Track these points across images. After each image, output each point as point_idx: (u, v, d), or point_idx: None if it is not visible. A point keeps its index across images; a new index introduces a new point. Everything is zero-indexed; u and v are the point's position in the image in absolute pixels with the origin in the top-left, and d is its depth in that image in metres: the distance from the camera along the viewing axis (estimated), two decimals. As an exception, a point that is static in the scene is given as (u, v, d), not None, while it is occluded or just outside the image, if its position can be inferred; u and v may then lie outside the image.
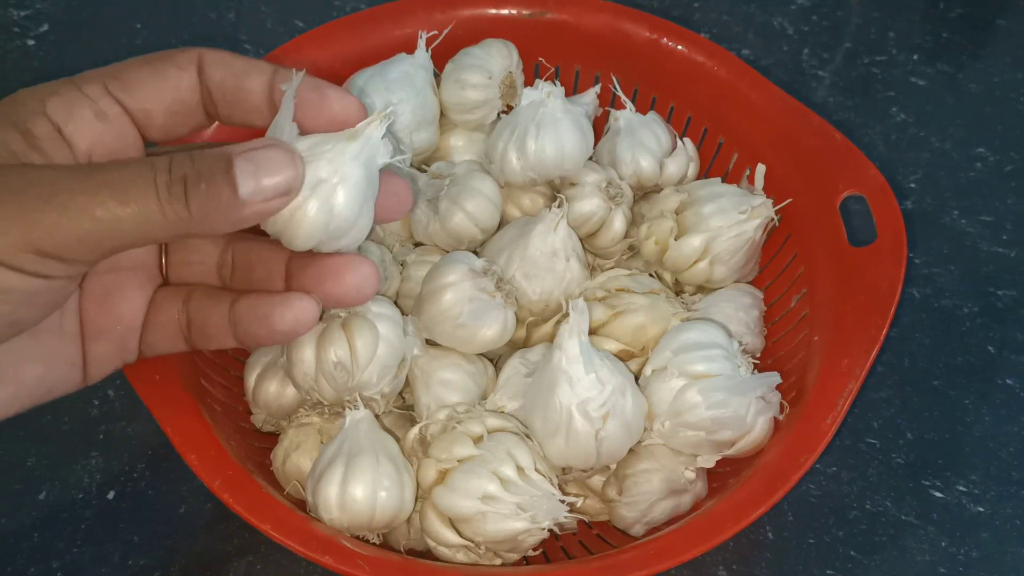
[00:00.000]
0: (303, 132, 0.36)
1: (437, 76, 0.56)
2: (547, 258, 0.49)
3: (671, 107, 0.58)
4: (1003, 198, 0.65)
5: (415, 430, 0.45)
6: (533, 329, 0.51)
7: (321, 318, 0.46)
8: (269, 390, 0.48)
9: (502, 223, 0.53)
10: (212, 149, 0.34)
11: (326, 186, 0.35)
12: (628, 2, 0.58)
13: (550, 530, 0.42)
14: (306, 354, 0.44)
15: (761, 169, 0.54)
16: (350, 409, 0.44)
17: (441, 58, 0.56)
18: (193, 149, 0.35)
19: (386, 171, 0.38)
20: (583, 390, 0.42)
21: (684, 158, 0.56)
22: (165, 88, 0.37)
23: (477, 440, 0.43)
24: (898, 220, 0.48)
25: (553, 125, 0.51)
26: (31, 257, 0.32)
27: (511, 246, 0.49)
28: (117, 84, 0.36)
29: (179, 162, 0.33)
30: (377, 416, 0.46)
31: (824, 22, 0.75)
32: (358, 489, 0.42)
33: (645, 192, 0.56)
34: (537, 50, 0.58)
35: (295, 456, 0.47)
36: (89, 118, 0.35)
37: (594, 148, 0.54)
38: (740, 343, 0.47)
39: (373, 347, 0.44)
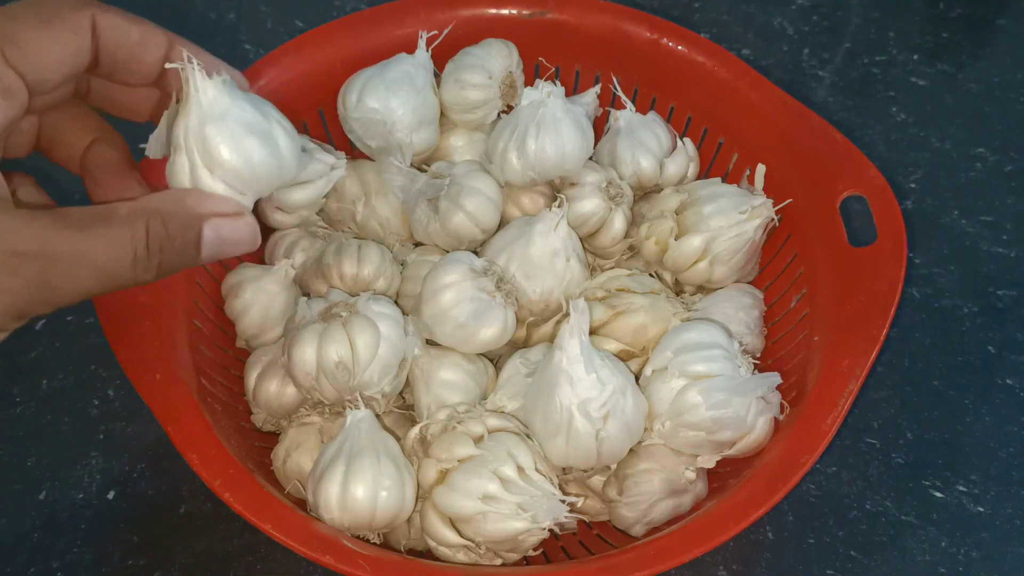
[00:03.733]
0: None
1: (437, 76, 0.56)
2: (547, 258, 0.49)
3: (671, 107, 0.58)
4: (1003, 198, 0.65)
5: (415, 430, 0.45)
6: (533, 329, 0.51)
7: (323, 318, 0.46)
8: (269, 390, 0.48)
9: (502, 223, 0.52)
10: (181, 207, 0.35)
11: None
12: (628, 2, 0.58)
13: (550, 530, 0.42)
14: (307, 354, 0.44)
15: (761, 169, 0.54)
16: (351, 409, 0.44)
17: (441, 58, 0.56)
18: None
19: None
20: (584, 390, 0.42)
21: (684, 158, 0.56)
22: (63, 56, 0.35)
23: (477, 440, 0.43)
24: (898, 220, 0.48)
25: (553, 125, 0.51)
26: (12, 323, 0.33)
27: (511, 246, 0.49)
28: (17, 54, 0.34)
29: (155, 233, 0.34)
30: (378, 416, 0.46)
31: (824, 22, 0.75)
32: (359, 489, 0.42)
33: (645, 192, 0.56)
34: (537, 50, 0.58)
35: (296, 455, 0.47)
36: (11, 112, 0.34)
37: (594, 148, 0.54)
38: (740, 343, 0.47)
39: (374, 346, 0.44)
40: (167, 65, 0.37)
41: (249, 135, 0.36)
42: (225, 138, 0.36)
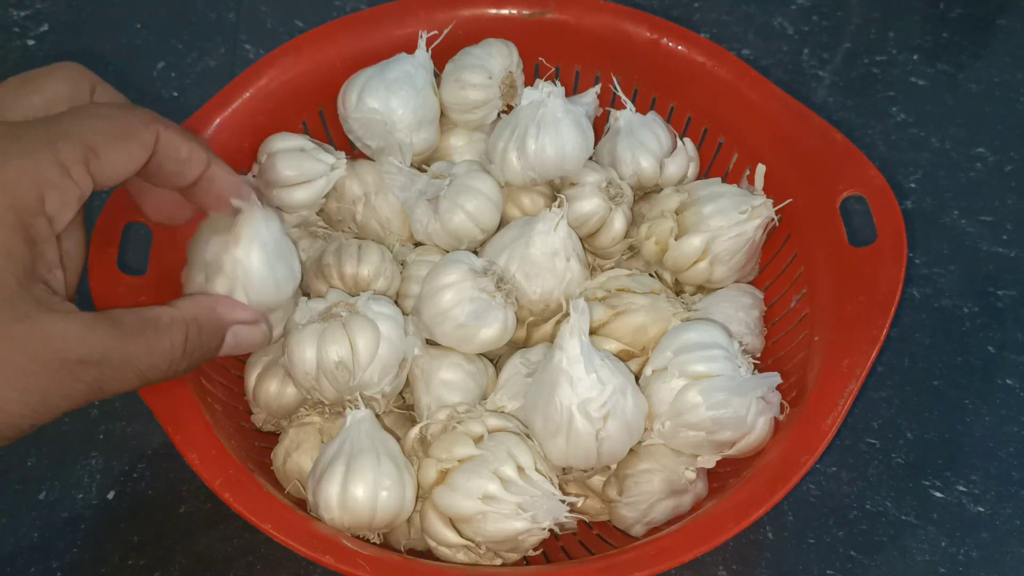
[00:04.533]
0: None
1: (437, 76, 0.56)
2: (547, 258, 0.49)
3: (671, 107, 0.58)
4: (1003, 198, 0.65)
5: (415, 430, 0.45)
6: (533, 329, 0.51)
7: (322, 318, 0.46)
8: (269, 389, 0.48)
9: (502, 223, 0.52)
10: (213, 316, 0.40)
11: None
12: (628, 2, 0.58)
13: (550, 530, 0.42)
14: (307, 353, 0.44)
15: (761, 169, 0.54)
16: (351, 409, 0.44)
17: (441, 58, 0.56)
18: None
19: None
20: (584, 390, 0.42)
21: (684, 158, 0.56)
22: (130, 167, 0.38)
23: (478, 440, 0.43)
24: (898, 220, 0.48)
25: (553, 125, 0.51)
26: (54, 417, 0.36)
27: (511, 246, 0.49)
28: (97, 165, 0.36)
29: (192, 339, 0.39)
30: (378, 416, 0.46)
31: (824, 22, 0.75)
32: (359, 489, 0.42)
33: (645, 192, 0.56)
34: (537, 50, 0.58)
35: (296, 455, 0.47)
36: (75, 205, 0.36)
37: (594, 148, 0.54)
38: (740, 343, 0.47)
39: (374, 346, 0.44)
40: (234, 202, 0.42)
41: (280, 264, 0.44)
42: (266, 273, 0.43)
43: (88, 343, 0.35)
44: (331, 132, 0.58)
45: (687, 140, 0.57)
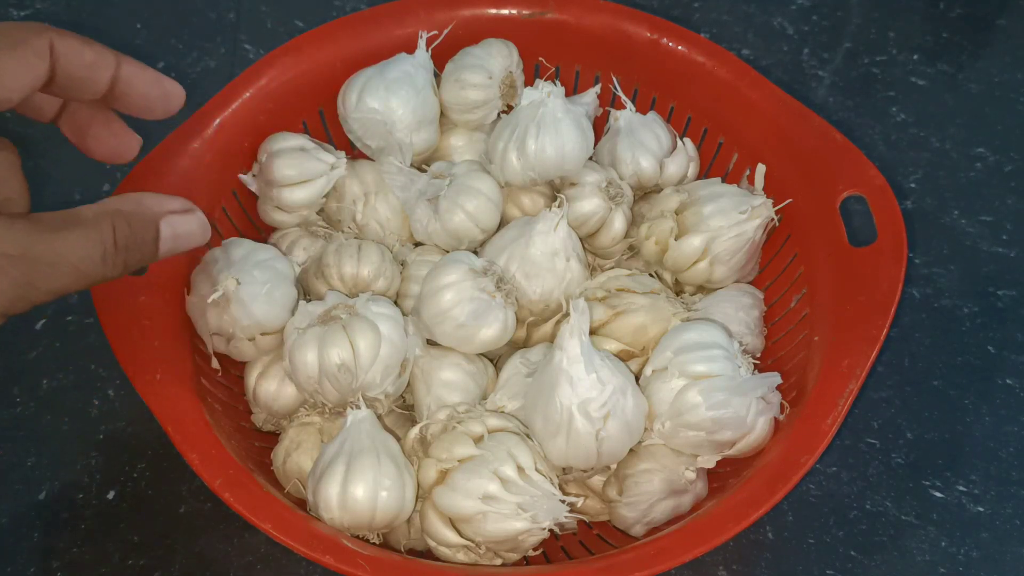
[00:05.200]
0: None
1: (437, 76, 0.56)
2: (547, 258, 0.49)
3: (671, 107, 0.58)
4: (1003, 198, 0.65)
5: (416, 430, 0.45)
6: (533, 329, 0.51)
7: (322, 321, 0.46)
8: (269, 390, 0.48)
9: (502, 223, 0.52)
10: (141, 207, 0.39)
11: None
12: (628, 2, 0.58)
13: (550, 530, 0.42)
14: (309, 357, 0.44)
15: (761, 169, 0.54)
16: (352, 409, 0.44)
17: (441, 58, 0.56)
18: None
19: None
20: (584, 390, 0.42)
21: (684, 158, 0.56)
22: (27, 78, 0.37)
23: (478, 440, 0.43)
24: (898, 220, 0.48)
25: (553, 125, 0.51)
26: None
27: (511, 246, 0.49)
28: None
29: (120, 231, 0.37)
30: (378, 416, 0.46)
31: (824, 22, 0.75)
32: (359, 489, 0.42)
33: (645, 192, 0.56)
34: (537, 50, 0.58)
35: (296, 455, 0.47)
36: None
37: (594, 148, 0.54)
38: (740, 343, 0.47)
39: (376, 347, 0.44)
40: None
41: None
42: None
43: (7, 239, 0.34)
44: (331, 132, 0.58)
45: (687, 140, 0.57)
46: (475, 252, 0.51)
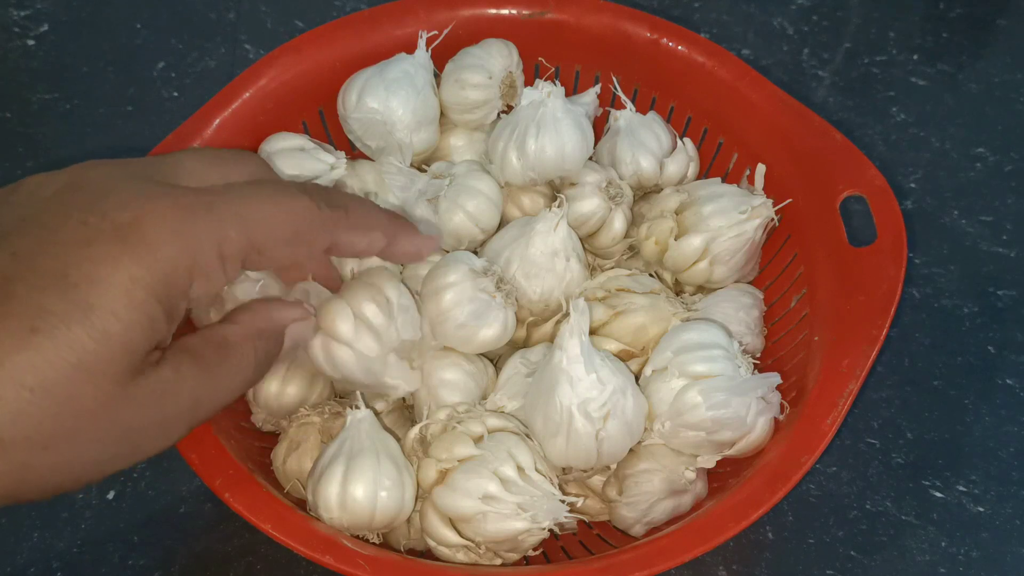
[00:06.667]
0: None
1: (437, 76, 0.56)
2: (547, 258, 0.49)
3: (671, 107, 0.58)
4: (1003, 198, 0.65)
5: (415, 430, 0.45)
6: (533, 329, 0.51)
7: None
8: (269, 389, 0.48)
9: (502, 223, 0.53)
10: (273, 323, 0.40)
11: None
12: (628, 2, 0.58)
13: (550, 530, 0.42)
14: (341, 320, 0.43)
15: (761, 169, 0.54)
16: (351, 409, 0.44)
17: (441, 58, 0.56)
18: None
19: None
20: (584, 390, 0.42)
21: (684, 158, 0.56)
22: (285, 262, 0.37)
23: (477, 440, 0.43)
24: (898, 220, 0.48)
25: (553, 125, 0.51)
26: None
27: (511, 246, 0.49)
28: (256, 262, 0.35)
29: (260, 352, 0.39)
30: (378, 415, 0.46)
31: (824, 22, 0.75)
32: (359, 489, 0.42)
33: (645, 192, 0.56)
34: (537, 50, 0.58)
35: (296, 455, 0.47)
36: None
37: (594, 148, 0.54)
38: (740, 343, 0.47)
39: (399, 290, 0.45)
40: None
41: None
42: None
43: (184, 395, 0.34)
44: (331, 132, 0.58)
45: (687, 140, 0.57)
46: (475, 252, 0.51)
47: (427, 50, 0.55)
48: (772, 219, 0.51)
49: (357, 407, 0.44)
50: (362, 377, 0.44)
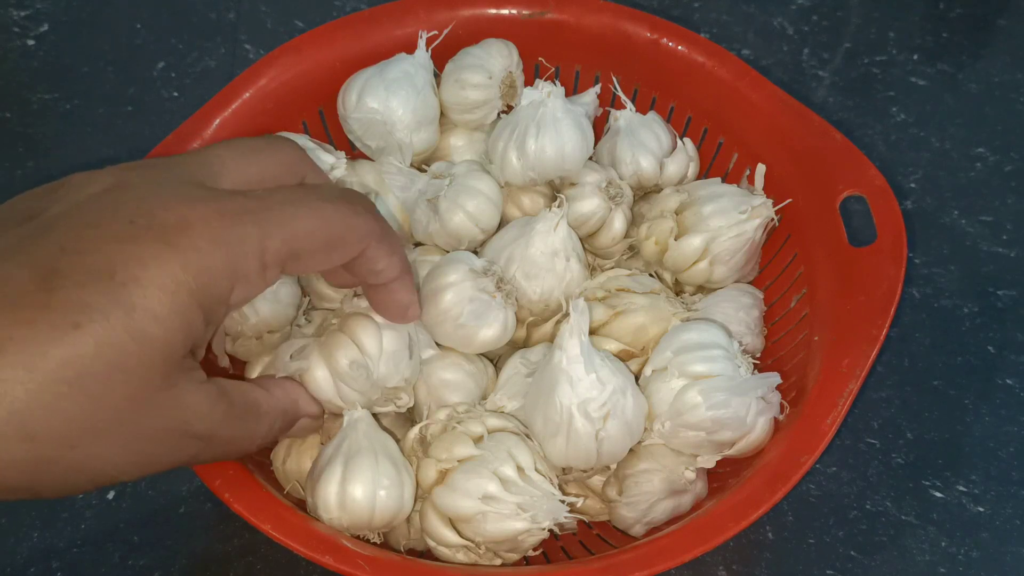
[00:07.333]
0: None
1: (437, 76, 0.56)
2: (547, 258, 0.49)
3: (671, 107, 0.58)
4: (1003, 198, 0.65)
5: (415, 430, 0.45)
6: (533, 329, 0.51)
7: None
8: (269, 390, 0.48)
9: (502, 223, 0.52)
10: (295, 409, 0.43)
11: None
12: (628, 2, 0.58)
13: (550, 530, 0.42)
14: (319, 374, 0.44)
15: (761, 169, 0.54)
16: (347, 410, 0.44)
17: (441, 58, 0.55)
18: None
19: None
20: (584, 390, 0.42)
21: (684, 158, 0.56)
22: (319, 269, 0.38)
23: (477, 440, 0.43)
24: (898, 220, 0.48)
25: (553, 125, 0.51)
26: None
27: (511, 246, 0.49)
28: (294, 267, 0.36)
29: (276, 427, 0.41)
30: (375, 415, 0.46)
31: (824, 22, 0.75)
32: (357, 488, 0.42)
33: (645, 192, 0.56)
34: (537, 50, 0.58)
35: (295, 455, 0.47)
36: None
37: (594, 148, 0.54)
38: (740, 343, 0.47)
39: (378, 338, 0.44)
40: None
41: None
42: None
43: (206, 421, 0.35)
44: (331, 132, 0.58)
45: (687, 140, 0.57)
46: (475, 252, 0.51)
47: (427, 50, 0.55)
48: (772, 219, 0.51)
49: (355, 407, 0.44)
50: (372, 396, 0.45)
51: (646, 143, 0.55)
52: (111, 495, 0.52)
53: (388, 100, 0.52)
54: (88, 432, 0.31)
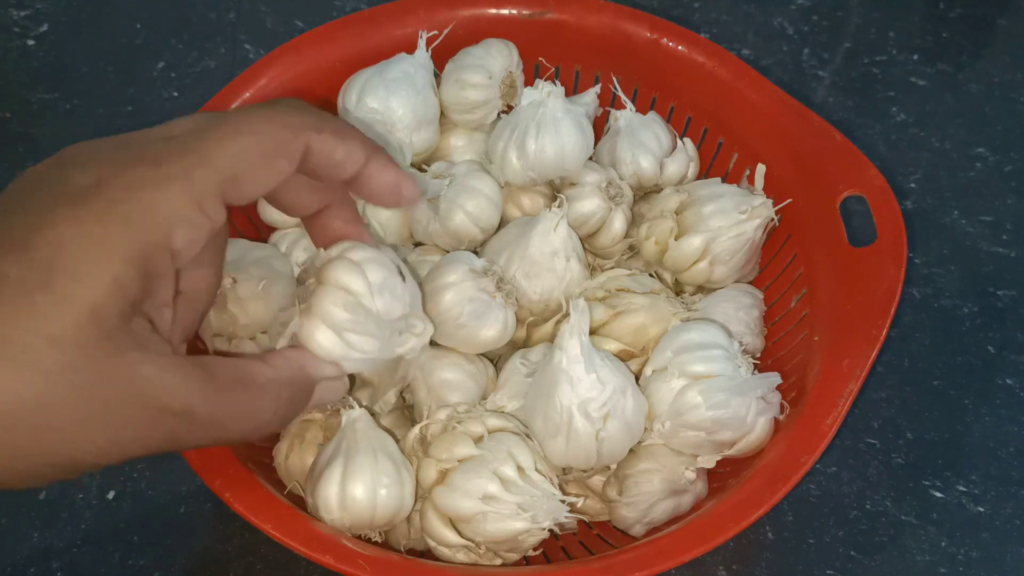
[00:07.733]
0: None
1: (437, 76, 0.56)
2: (547, 258, 0.49)
3: (671, 107, 0.58)
4: (1003, 198, 0.65)
5: (415, 430, 0.45)
6: (533, 329, 0.51)
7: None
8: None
9: (502, 223, 0.53)
10: (304, 374, 0.38)
11: None
12: (628, 2, 0.58)
13: (550, 530, 0.42)
14: (318, 335, 0.39)
15: (761, 169, 0.54)
16: (345, 409, 0.44)
17: (441, 58, 0.56)
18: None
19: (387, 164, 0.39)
20: (584, 390, 0.42)
21: (684, 158, 0.56)
22: (271, 185, 0.35)
23: (477, 440, 0.43)
24: (898, 220, 0.48)
25: (553, 125, 0.51)
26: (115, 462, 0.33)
27: (511, 246, 0.49)
28: (236, 192, 0.34)
29: (285, 401, 0.37)
30: (374, 415, 0.46)
31: (824, 22, 0.75)
32: (358, 488, 0.42)
33: (645, 192, 0.56)
34: (537, 50, 0.58)
35: (298, 452, 0.47)
36: (203, 239, 0.34)
37: (594, 148, 0.54)
38: (740, 343, 0.47)
39: (361, 274, 0.40)
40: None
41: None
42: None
43: (173, 393, 0.32)
44: (331, 132, 0.58)
45: (687, 140, 0.57)
46: (475, 252, 0.51)
47: (427, 50, 0.55)
48: (772, 219, 0.51)
49: (351, 407, 0.44)
50: (381, 356, 0.41)
51: (646, 143, 0.55)
52: (111, 495, 0.52)
53: (388, 100, 0.52)
54: (25, 409, 0.29)
